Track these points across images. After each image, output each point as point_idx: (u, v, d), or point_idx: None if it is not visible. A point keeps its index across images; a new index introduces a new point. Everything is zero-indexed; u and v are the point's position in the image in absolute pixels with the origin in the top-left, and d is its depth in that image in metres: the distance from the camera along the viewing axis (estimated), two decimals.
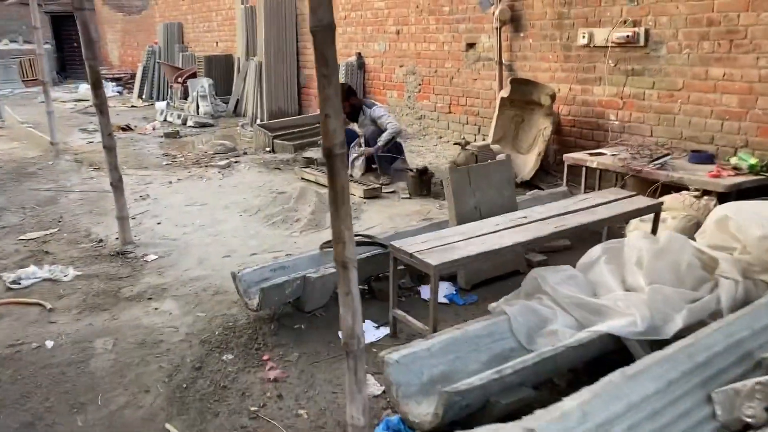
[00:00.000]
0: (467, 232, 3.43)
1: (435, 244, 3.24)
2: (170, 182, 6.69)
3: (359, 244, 3.81)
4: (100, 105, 4.45)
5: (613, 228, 4.41)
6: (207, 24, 13.64)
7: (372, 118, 6.35)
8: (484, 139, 6.87)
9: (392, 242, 3.30)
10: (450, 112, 7.78)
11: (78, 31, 4.35)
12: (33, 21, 7.91)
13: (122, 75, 17.17)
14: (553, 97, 5.92)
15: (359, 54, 9.11)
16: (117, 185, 4.69)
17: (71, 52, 20.97)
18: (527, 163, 6.35)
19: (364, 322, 3.53)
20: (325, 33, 1.88)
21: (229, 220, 5.36)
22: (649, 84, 5.52)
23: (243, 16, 11.15)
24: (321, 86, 1.91)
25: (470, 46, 7.31)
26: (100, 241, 4.93)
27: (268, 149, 7.92)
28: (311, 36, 1.89)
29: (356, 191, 5.87)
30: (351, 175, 6.50)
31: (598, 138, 6.05)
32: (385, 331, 3.43)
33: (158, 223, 5.31)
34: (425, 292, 3.88)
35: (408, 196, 5.89)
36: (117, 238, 4.88)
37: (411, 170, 5.91)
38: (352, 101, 6.34)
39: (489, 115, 7.07)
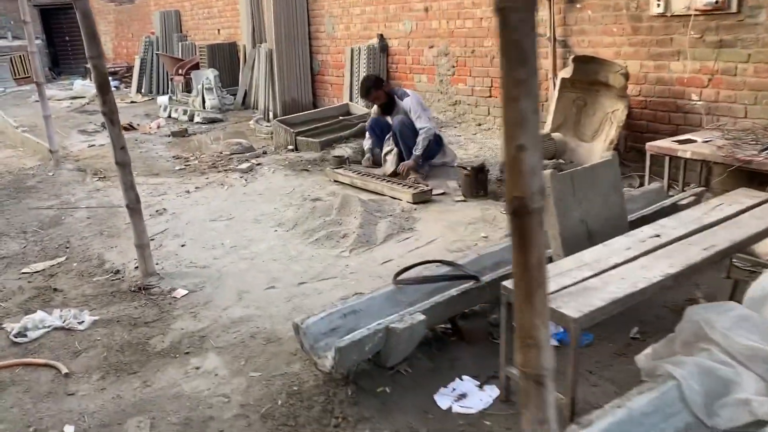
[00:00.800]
0: (592, 261, 2.68)
1: (561, 282, 2.49)
2: (188, 191, 5.93)
3: (441, 279, 3.08)
4: (110, 113, 3.68)
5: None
6: (207, 10, 12.78)
7: (404, 110, 5.57)
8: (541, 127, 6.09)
9: (503, 283, 2.55)
10: (491, 96, 6.99)
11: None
12: (22, 15, 7.10)
13: (118, 68, 16.30)
14: (626, 76, 5.14)
15: (381, 36, 8.30)
16: (134, 207, 3.94)
17: (63, 47, 20.09)
18: (593, 152, 5.58)
19: (461, 378, 2.82)
20: (521, 13, 1.12)
21: (263, 237, 4.62)
22: (743, 57, 4.74)
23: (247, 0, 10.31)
24: (511, 97, 1.15)
25: None
26: (117, 272, 4.20)
27: (290, 147, 7.15)
28: (497, 16, 1.14)
29: (403, 195, 5.11)
30: (383, 172, 5.75)
31: (676, 121, 5.27)
32: (492, 391, 2.70)
33: (182, 246, 4.57)
34: None
35: (462, 197, 5.13)
36: (136, 267, 4.14)
37: (465, 168, 5.14)
38: (386, 89, 5.56)
39: (540, 98, 6.27)
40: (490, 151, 6.45)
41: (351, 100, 8.52)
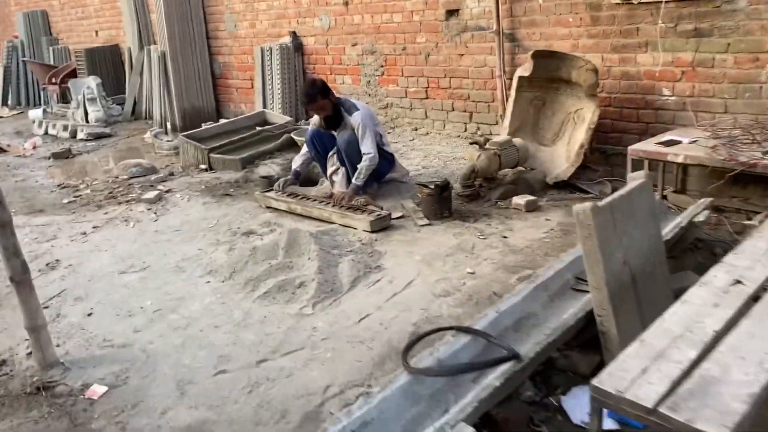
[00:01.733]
0: (684, 330, 2.03)
1: (668, 373, 1.81)
2: (84, 233, 4.82)
3: (474, 368, 2.35)
4: None
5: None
6: (81, 9, 11.29)
7: (351, 126, 4.75)
8: (479, 130, 5.47)
9: (594, 383, 1.83)
10: (428, 98, 6.32)
11: None
12: None
13: None
14: (595, 72, 4.59)
15: (293, 33, 7.42)
16: (21, 279, 2.91)
17: None
18: (555, 157, 5.03)
19: None
20: None
21: (194, 293, 3.68)
22: (721, 47, 4.32)
23: None
24: None
25: (451, 13, 5.86)
26: (2, 363, 3.13)
27: (203, 167, 6.13)
28: None
29: (358, 223, 4.32)
30: (332, 193, 4.93)
31: (646, 119, 4.82)
32: None
33: (89, 315, 3.54)
34: (572, 408, 2.47)
35: (425, 221, 4.40)
36: (30, 354, 3.11)
37: (426, 186, 4.41)
38: (333, 98, 4.71)
39: (484, 99, 5.69)
40: (436, 160, 5.77)
41: (265, 106, 7.56)
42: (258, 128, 6.61)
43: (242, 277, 3.77)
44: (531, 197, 4.57)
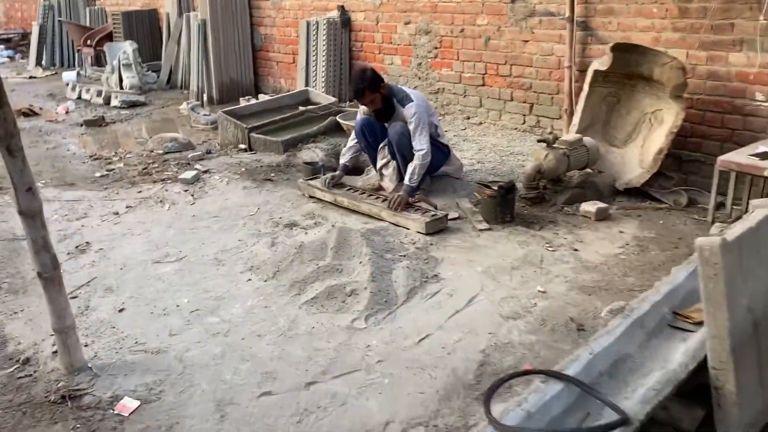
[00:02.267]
0: None
1: None
2: (116, 213, 4.53)
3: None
4: (6, 136, 2.32)
5: None
6: None
7: (404, 118, 4.35)
8: (539, 124, 5.04)
9: None
10: (484, 85, 5.90)
11: None
12: None
13: (11, 35, 14.10)
14: (683, 71, 4.14)
15: (342, 7, 7.01)
16: (50, 275, 2.61)
17: None
18: (627, 161, 4.61)
19: None
20: None
21: (235, 293, 3.36)
22: None
23: None
24: None
25: None
26: (26, 361, 2.86)
27: (242, 147, 5.79)
28: None
29: (412, 224, 3.96)
30: (381, 186, 4.57)
31: (732, 125, 4.37)
32: None
33: (120, 310, 3.24)
34: None
35: (485, 225, 4.03)
36: (55, 353, 2.82)
37: (487, 187, 4.03)
38: (384, 90, 4.31)
39: (547, 90, 5.26)
40: (492, 154, 5.37)
41: (307, 84, 7.19)
42: (301, 108, 6.24)
43: (287, 277, 3.45)
44: (602, 204, 4.17)
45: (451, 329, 2.94)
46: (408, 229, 3.98)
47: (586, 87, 4.63)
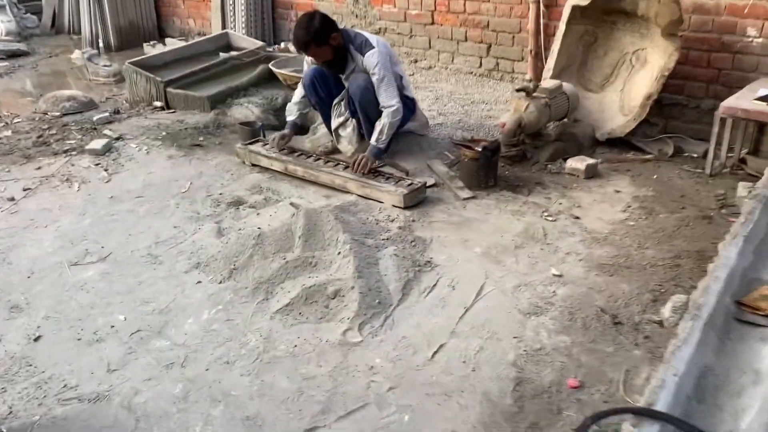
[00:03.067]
0: None
1: None
2: (11, 199, 3.64)
3: None
4: None
5: None
6: None
7: (365, 68, 3.67)
8: (497, 67, 4.51)
9: None
10: (434, 23, 5.26)
11: None
12: None
13: None
14: (678, 4, 3.67)
15: None
16: None
17: None
18: (606, 108, 4.19)
19: None
20: None
21: (183, 303, 2.68)
22: None
23: None
24: None
25: None
26: None
27: (158, 104, 4.90)
28: None
29: (386, 196, 3.36)
30: (336, 149, 3.93)
31: (719, 64, 4.01)
32: None
33: (36, 339, 2.50)
34: None
35: (467, 191, 3.49)
36: None
37: (468, 147, 3.47)
38: (335, 41, 3.58)
39: (507, 28, 4.75)
40: (451, 103, 4.79)
41: (225, 26, 6.26)
42: (223, 55, 5.38)
43: (248, 277, 2.79)
44: (590, 160, 3.73)
45: (467, 335, 2.41)
46: (381, 202, 3.38)
47: (562, 25, 4.10)
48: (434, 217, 3.25)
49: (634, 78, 4.06)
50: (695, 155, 3.99)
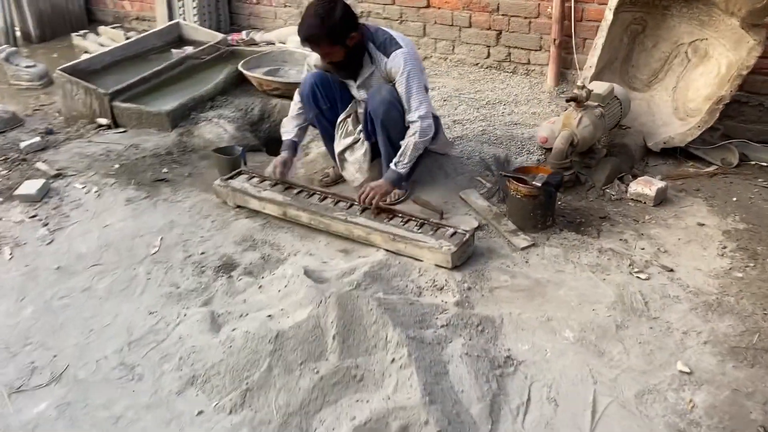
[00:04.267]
0: None
1: None
2: None
3: None
4: None
5: None
6: None
7: (385, 73, 2.85)
8: (509, 57, 3.77)
9: None
10: (429, 6, 4.44)
11: None
12: None
13: None
14: None
15: None
16: None
17: None
18: (657, 110, 3.58)
19: None
20: None
21: None
22: None
23: None
24: None
25: None
26: None
27: (104, 122, 3.94)
28: None
29: (428, 254, 2.59)
30: (341, 178, 3.16)
31: None
32: None
33: None
34: None
35: (522, 236, 2.77)
36: None
37: (524, 181, 2.74)
38: (351, 41, 2.73)
39: (522, 12, 4.03)
40: (463, 106, 4.02)
41: (171, 11, 5.26)
42: (175, 52, 4.43)
43: (269, 403, 2.01)
44: (658, 183, 3.07)
45: None
46: (419, 260, 2.62)
47: (609, 13, 3.36)
48: (493, 280, 2.52)
49: (691, 74, 3.40)
50: (764, 164, 3.38)
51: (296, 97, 3.11)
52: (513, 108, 3.93)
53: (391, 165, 2.84)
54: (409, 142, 2.81)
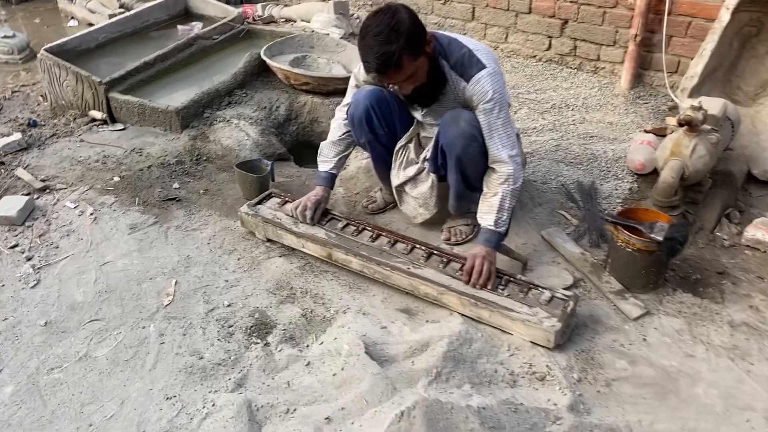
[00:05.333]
0: None
1: None
2: None
3: None
4: None
5: None
6: None
7: (466, 100, 2.23)
8: (575, 50, 3.19)
9: None
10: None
11: None
12: None
13: None
14: None
15: None
16: None
17: None
18: (763, 130, 2.93)
19: None
20: None
21: None
22: None
23: None
24: None
25: None
26: None
27: (98, 116, 3.29)
28: None
29: (519, 327, 2.04)
30: (390, 204, 2.60)
31: None
32: None
33: None
34: None
35: (632, 299, 2.22)
36: None
37: (636, 230, 2.18)
38: (429, 47, 2.09)
39: (591, 1, 3.36)
40: (524, 109, 3.42)
41: None
42: (181, 29, 3.77)
43: None
44: None
45: None
46: (510, 334, 2.07)
47: (726, 14, 2.76)
48: (608, 367, 1.98)
49: None
50: None
51: (338, 114, 2.49)
52: (584, 114, 3.34)
53: (488, 224, 2.21)
54: (504, 194, 2.20)
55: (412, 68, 2.02)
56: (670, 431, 1.78)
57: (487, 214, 2.20)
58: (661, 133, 3.05)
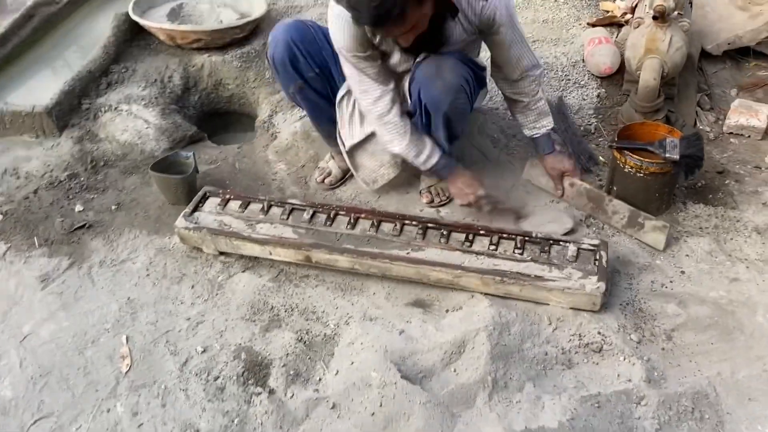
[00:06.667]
0: None
1: None
2: None
3: None
4: None
5: None
6: None
7: (482, 24, 1.79)
8: None
9: None
10: None
11: None
12: None
13: None
14: None
15: None
16: None
17: None
18: (711, 1, 2.78)
19: None
20: None
21: None
22: None
23: None
24: None
25: None
26: None
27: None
28: None
29: (557, 296, 1.79)
30: (349, 173, 2.23)
31: None
32: None
33: None
34: None
35: (658, 231, 2.01)
36: None
37: (648, 151, 1.95)
38: None
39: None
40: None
41: None
42: None
43: None
44: (764, 108, 2.38)
45: None
46: (546, 304, 1.81)
47: None
48: (661, 316, 1.78)
49: None
50: None
51: (364, 101, 1.92)
52: (551, 26, 2.99)
53: (550, 127, 2.04)
54: (542, 94, 2.04)
55: (417, 16, 1.57)
56: (754, 377, 1.62)
57: (542, 118, 2.03)
58: (605, 23, 2.79)
